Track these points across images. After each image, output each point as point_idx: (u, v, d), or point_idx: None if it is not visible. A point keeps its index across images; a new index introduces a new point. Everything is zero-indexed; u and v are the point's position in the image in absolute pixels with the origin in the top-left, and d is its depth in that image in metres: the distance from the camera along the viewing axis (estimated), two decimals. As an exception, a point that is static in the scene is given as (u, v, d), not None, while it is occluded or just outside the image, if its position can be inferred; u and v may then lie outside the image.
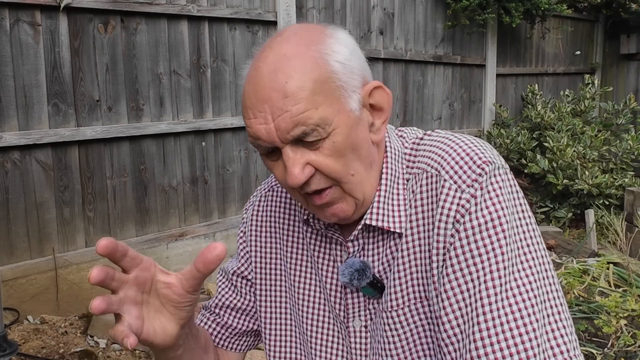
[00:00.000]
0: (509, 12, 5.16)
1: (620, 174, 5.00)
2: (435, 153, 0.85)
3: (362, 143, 0.81)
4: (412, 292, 0.85)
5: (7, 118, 2.79)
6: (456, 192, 0.79)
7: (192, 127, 3.50)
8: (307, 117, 0.75)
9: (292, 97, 0.74)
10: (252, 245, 1.03)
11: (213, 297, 1.10)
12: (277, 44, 0.80)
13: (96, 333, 2.79)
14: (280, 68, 0.76)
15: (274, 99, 0.75)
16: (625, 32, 6.74)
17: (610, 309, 2.64)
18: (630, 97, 5.68)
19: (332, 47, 0.79)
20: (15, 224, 2.87)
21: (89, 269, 3.11)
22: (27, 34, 2.83)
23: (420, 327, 0.85)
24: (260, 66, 0.78)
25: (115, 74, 3.16)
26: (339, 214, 0.83)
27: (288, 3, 3.87)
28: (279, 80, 0.75)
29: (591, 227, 4.44)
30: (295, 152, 0.78)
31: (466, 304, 0.76)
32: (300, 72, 0.75)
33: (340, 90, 0.78)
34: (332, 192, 0.81)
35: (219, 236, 3.69)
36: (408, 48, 4.94)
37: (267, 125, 0.76)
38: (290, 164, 0.77)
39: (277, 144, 0.77)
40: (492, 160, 0.81)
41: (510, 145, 5.28)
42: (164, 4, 3.29)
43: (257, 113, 0.77)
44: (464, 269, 0.77)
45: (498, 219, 0.77)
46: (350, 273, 0.85)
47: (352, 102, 0.80)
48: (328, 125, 0.77)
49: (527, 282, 0.76)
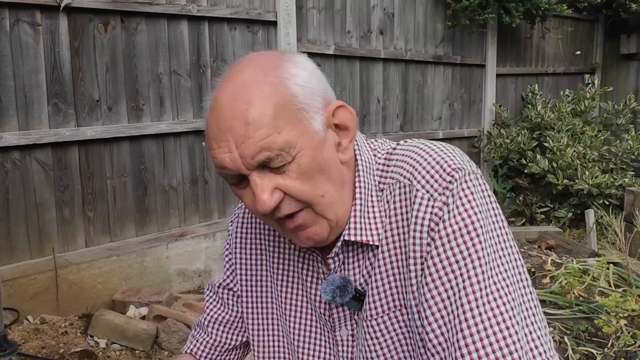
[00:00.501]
0: (509, 12, 5.16)
1: (620, 174, 5.00)
2: (406, 162, 0.85)
3: (329, 164, 0.81)
4: (391, 300, 0.85)
5: (7, 118, 2.79)
6: (429, 200, 0.80)
7: (192, 127, 3.50)
8: (271, 142, 0.75)
9: (254, 123, 0.74)
10: (238, 258, 1.04)
11: (203, 312, 1.12)
12: (236, 73, 0.79)
13: (96, 333, 2.79)
14: (239, 96, 0.76)
15: (235, 127, 0.75)
16: (625, 32, 6.73)
17: (610, 309, 2.64)
18: (630, 97, 5.68)
19: (290, 71, 0.79)
20: (16, 224, 2.87)
21: (89, 269, 3.12)
22: (27, 34, 2.83)
23: (401, 334, 0.85)
24: (220, 96, 0.78)
25: (115, 74, 3.16)
26: (313, 237, 0.83)
27: (288, 3, 3.87)
28: (239, 108, 0.75)
29: (591, 227, 4.44)
30: (263, 177, 0.77)
31: (448, 311, 0.77)
32: (260, 98, 0.75)
33: (302, 113, 0.78)
34: (304, 215, 0.81)
35: (219, 236, 3.69)
36: (408, 48, 4.94)
37: (232, 153, 0.76)
38: (258, 191, 0.77)
39: (243, 171, 0.77)
40: (461, 166, 0.81)
41: (510, 145, 5.27)
42: (164, 4, 3.29)
43: (221, 143, 0.76)
44: (442, 277, 0.77)
45: (472, 225, 0.78)
46: (332, 290, 0.86)
47: (316, 124, 0.79)
48: (292, 148, 0.76)
49: (505, 286, 0.76)
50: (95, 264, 3.14)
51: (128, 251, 3.27)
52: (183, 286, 3.54)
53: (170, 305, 3.11)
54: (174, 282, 3.50)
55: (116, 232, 3.24)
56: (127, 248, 3.26)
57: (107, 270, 3.19)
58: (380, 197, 0.87)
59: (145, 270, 3.36)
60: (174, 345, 2.78)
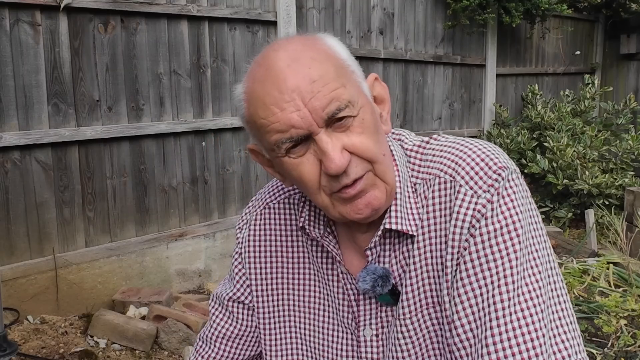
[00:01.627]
0: (509, 12, 5.16)
1: (620, 174, 5.00)
2: (447, 158, 0.84)
3: (380, 128, 0.82)
4: (424, 297, 0.84)
5: (7, 118, 2.79)
6: (472, 197, 0.79)
7: (192, 127, 3.50)
8: (339, 94, 0.76)
9: (320, 79, 0.75)
10: (251, 267, 1.01)
11: (207, 325, 1.07)
12: (282, 44, 0.80)
13: (96, 333, 2.79)
14: (297, 59, 0.76)
15: (301, 85, 0.75)
16: (625, 32, 6.73)
17: (610, 308, 2.64)
18: (630, 97, 5.67)
19: (331, 42, 0.83)
20: (15, 224, 2.87)
21: (89, 269, 3.12)
22: (27, 34, 2.83)
23: (433, 332, 0.85)
24: (273, 64, 0.77)
25: (115, 74, 3.16)
26: (373, 202, 0.80)
27: (288, 3, 3.87)
28: (301, 70, 0.76)
29: (591, 227, 4.44)
30: (330, 136, 0.77)
31: (479, 307, 0.77)
32: (319, 60, 0.77)
33: (355, 76, 0.81)
34: (366, 178, 0.79)
35: (219, 236, 3.68)
36: (408, 48, 4.94)
37: (300, 111, 0.75)
38: (330, 149, 0.75)
39: (313, 127, 0.76)
40: (507, 165, 0.81)
41: (510, 145, 5.27)
42: (164, 4, 3.29)
43: (285, 104, 0.75)
44: (478, 274, 0.77)
45: (513, 224, 0.78)
46: (373, 280, 0.84)
47: (365, 88, 0.82)
48: (356, 103, 0.78)
49: (537, 287, 0.77)
50: (95, 264, 3.14)
51: (128, 251, 3.27)
52: (183, 286, 3.54)
53: (170, 305, 3.11)
54: (174, 282, 3.50)
55: (116, 232, 3.24)
56: (127, 248, 3.26)
57: (107, 270, 3.19)
58: (415, 190, 0.86)
59: (145, 270, 3.36)
60: (174, 345, 2.78)
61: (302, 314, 0.96)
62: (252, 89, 0.79)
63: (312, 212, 0.92)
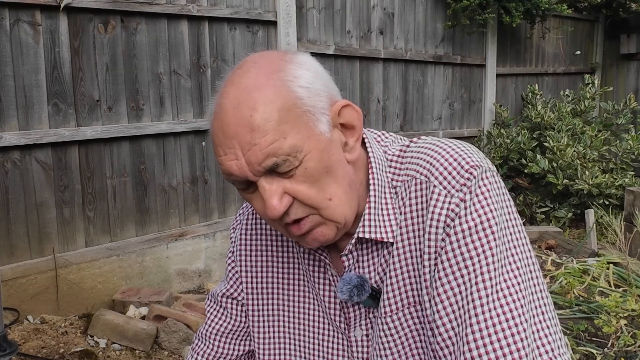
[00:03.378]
0: (509, 12, 5.16)
1: (620, 174, 5.00)
2: (423, 159, 0.85)
3: (336, 165, 0.80)
4: (405, 297, 0.85)
5: (7, 118, 2.79)
6: (446, 197, 0.80)
7: (192, 127, 3.50)
8: (277, 148, 0.74)
9: (259, 129, 0.74)
10: (242, 266, 1.02)
11: (203, 323, 1.09)
12: (238, 77, 0.79)
13: (96, 333, 2.79)
14: (243, 102, 0.75)
15: (240, 134, 0.74)
16: (625, 32, 6.73)
17: (610, 308, 2.64)
18: (630, 97, 5.67)
19: (293, 72, 0.78)
20: (15, 223, 2.87)
21: (89, 269, 3.12)
22: (27, 34, 2.83)
23: (415, 331, 0.85)
24: (224, 102, 0.77)
25: (115, 73, 3.16)
26: (319, 238, 0.82)
27: (288, 3, 3.87)
28: (243, 115, 0.74)
29: (591, 227, 4.44)
30: (271, 182, 0.77)
31: (459, 306, 0.77)
32: (264, 103, 0.74)
33: (308, 115, 0.77)
34: (310, 220, 0.80)
35: (219, 236, 3.69)
36: (408, 48, 4.94)
37: (238, 161, 0.75)
38: (267, 196, 0.77)
39: (251, 177, 0.77)
40: (479, 163, 0.81)
41: (510, 145, 5.27)
42: (164, 4, 3.29)
43: (227, 150, 0.76)
44: (455, 272, 0.78)
45: (487, 222, 0.78)
46: (349, 290, 0.85)
47: (321, 125, 0.78)
48: (299, 152, 0.75)
49: (515, 283, 0.77)
50: (95, 264, 3.14)
51: (128, 251, 3.27)
52: (183, 286, 3.54)
53: (170, 305, 3.11)
54: (174, 282, 3.50)
55: (116, 232, 3.24)
56: (127, 248, 3.26)
57: (107, 270, 3.19)
58: (394, 194, 0.87)
59: (145, 270, 3.36)
60: (174, 345, 2.78)
61: (292, 314, 0.97)
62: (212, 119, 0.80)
63: None
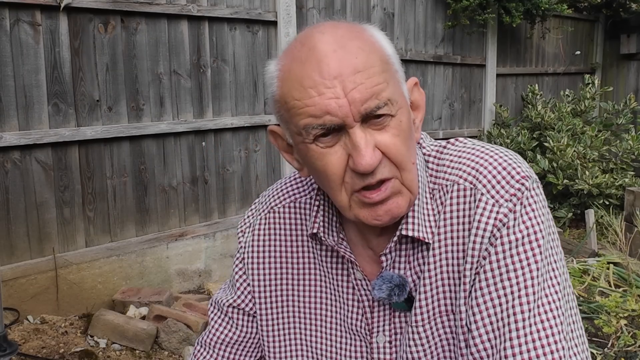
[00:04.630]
0: (509, 12, 5.16)
1: (621, 174, 5.00)
2: (467, 165, 0.82)
3: (413, 134, 0.80)
4: (438, 305, 0.83)
5: (7, 118, 2.79)
6: (494, 206, 0.78)
7: (192, 127, 3.50)
8: (381, 90, 0.73)
9: (365, 71, 0.73)
10: (254, 273, 0.98)
11: (206, 331, 1.04)
12: (329, 28, 0.77)
13: (96, 333, 2.79)
14: (343, 46, 0.74)
15: (345, 74, 0.72)
16: (625, 32, 6.73)
17: (611, 309, 2.64)
18: (630, 97, 5.67)
19: (378, 35, 0.80)
20: (16, 224, 2.87)
21: (89, 269, 3.12)
22: (27, 34, 2.83)
23: (445, 341, 0.83)
24: (318, 46, 0.74)
25: (115, 73, 3.16)
26: (394, 210, 0.78)
27: (288, 3, 3.87)
28: (347, 57, 0.73)
29: (591, 227, 4.44)
30: (364, 132, 0.74)
31: (498, 318, 0.75)
32: (366, 50, 0.74)
33: (398, 75, 0.79)
34: (392, 184, 0.77)
35: (219, 236, 3.68)
36: (408, 48, 4.94)
37: (339, 99, 0.72)
38: (363, 144, 0.73)
39: (349, 120, 0.73)
40: (529, 174, 0.80)
41: (511, 145, 5.27)
42: (164, 4, 3.29)
43: (325, 89, 0.72)
44: (497, 283, 0.76)
45: (535, 234, 0.77)
46: (389, 288, 0.82)
47: (405, 90, 0.80)
48: (396, 102, 0.75)
49: (556, 299, 0.76)
50: (95, 264, 3.14)
51: (128, 251, 3.27)
52: (183, 286, 3.54)
53: (170, 305, 3.11)
54: (174, 282, 3.50)
55: (116, 232, 3.24)
56: (127, 248, 3.26)
57: (107, 270, 3.19)
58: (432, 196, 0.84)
59: (145, 270, 3.36)
60: (174, 345, 2.78)
61: (308, 321, 0.94)
62: (289, 68, 0.75)
63: (325, 218, 0.89)
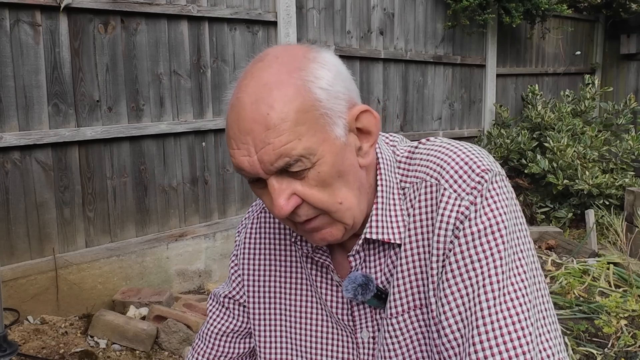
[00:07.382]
0: (509, 12, 5.16)
1: (621, 174, 5.00)
2: (433, 162, 0.85)
3: (349, 169, 0.80)
4: (412, 299, 0.85)
5: (7, 118, 2.79)
6: (456, 200, 0.80)
7: (192, 127, 3.50)
8: (291, 149, 0.73)
9: (274, 129, 0.72)
10: (245, 269, 1.03)
11: (204, 322, 1.09)
12: (259, 70, 0.77)
13: (96, 333, 2.79)
14: (261, 98, 0.74)
15: (255, 131, 0.73)
16: (625, 32, 6.73)
17: (611, 309, 2.64)
18: (630, 97, 5.68)
19: (315, 72, 0.77)
20: (16, 224, 2.87)
21: (89, 270, 3.12)
22: (27, 34, 2.83)
23: (420, 333, 0.86)
24: (242, 97, 0.76)
25: (115, 74, 3.16)
26: (327, 238, 0.82)
27: (288, 3, 3.87)
28: (260, 112, 0.73)
29: (591, 227, 4.44)
30: (281, 182, 0.76)
31: (465, 308, 0.77)
32: (282, 102, 0.73)
33: (325, 118, 0.76)
34: (320, 219, 0.81)
35: (219, 236, 3.68)
36: (408, 48, 4.94)
37: (250, 157, 0.75)
38: (275, 196, 0.76)
39: (261, 175, 0.76)
40: (490, 167, 0.82)
41: (511, 146, 5.27)
42: (164, 4, 3.29)
43: (240, 144, 0.76)
44: (463, 274, 0.78)
45: (497, 225, 0.78)
46: (353, 288, 0.85)
47: (337, 129, 0.77)
48: (312, 155, 0.75)
49: (522, 287, 0.77)
50: (96, 264, 3.14)
51: (128, 251, 3.27)
52: (183, 286, 3.54)
53: (170, 305, 3.11)
54: (174, 282, 3.50)
55: (116, 232, 3.24)
56: (127, 248, 3.26)
57: (107, 271, 3.19)
58: (402, 195, 0.87)
59: (145, 271, 3.36)
60: (174, 346, 2.78)
61: (295, 318, 0.97)
62: (228, 110, 0.80)
63: None
